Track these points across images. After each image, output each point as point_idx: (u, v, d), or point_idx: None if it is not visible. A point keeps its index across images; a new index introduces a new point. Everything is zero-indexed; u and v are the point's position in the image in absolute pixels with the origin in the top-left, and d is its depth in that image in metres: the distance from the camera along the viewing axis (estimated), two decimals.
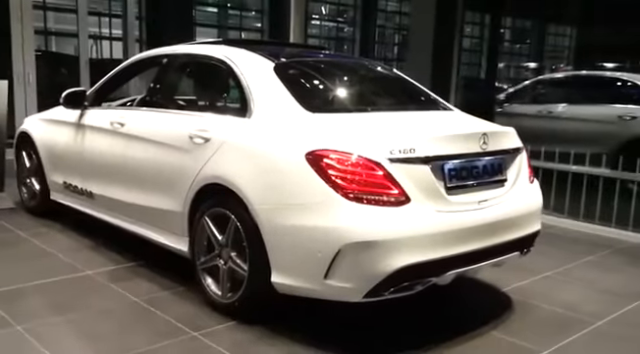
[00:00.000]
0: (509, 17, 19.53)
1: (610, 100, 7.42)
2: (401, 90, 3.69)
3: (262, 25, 16.28)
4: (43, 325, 2.91)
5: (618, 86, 7.67)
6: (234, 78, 3.25)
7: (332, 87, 3.38)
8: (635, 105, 7.07)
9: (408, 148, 2.61)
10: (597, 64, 16.97)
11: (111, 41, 10.90)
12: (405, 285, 2.59)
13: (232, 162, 2.93)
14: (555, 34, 24.56)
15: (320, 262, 2.56)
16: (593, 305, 3.39)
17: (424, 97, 3.60)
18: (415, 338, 2.89)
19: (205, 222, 3.12)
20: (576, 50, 22.47)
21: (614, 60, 17.40)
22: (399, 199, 2.55)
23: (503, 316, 3.18)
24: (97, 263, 3.82)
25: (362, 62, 4.02)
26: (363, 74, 3.73)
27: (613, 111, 7.17)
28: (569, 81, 8.62)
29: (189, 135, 3.23)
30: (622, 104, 7.21)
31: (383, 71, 3.89)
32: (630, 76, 7.62)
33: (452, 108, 3.52)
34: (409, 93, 3.63)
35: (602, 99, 7.54)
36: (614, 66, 16.83)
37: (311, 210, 2.59)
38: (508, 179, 3.02)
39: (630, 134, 6.86)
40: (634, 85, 7.35)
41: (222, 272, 3.05)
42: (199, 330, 2.88)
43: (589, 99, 7.64)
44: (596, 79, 8.27)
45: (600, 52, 17.96)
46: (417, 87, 3.70)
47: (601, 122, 7.17)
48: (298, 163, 2.65)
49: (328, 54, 4.13)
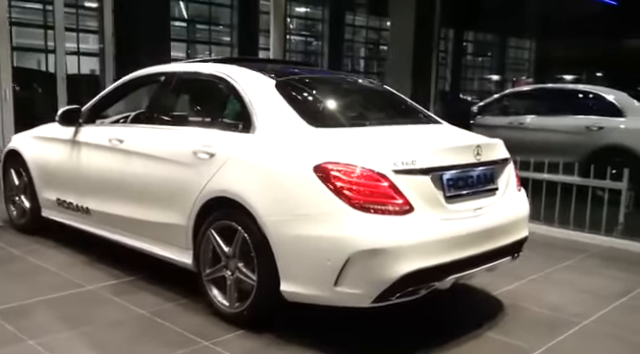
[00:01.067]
0: (471, 31, 20.14)
1: (577, 112, 7.78)
2: (393, 105, 3.87)
3: (231, 39, 16.40)
4: (55, 339, 2.96)
5: (584, 98, 8.06)
6: (236, 95, 3.38)
7: (331, 103, 3.54)
8: (601, 116, 7.44)
9: (410, 160, 2.78)
10: (555, 76, 17.60)
11: (79, 56, 10.84)
12: (410, 290, 2.74)
13: (239, 176, 3.05)
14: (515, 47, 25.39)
15: (330, 270, 2.69)
16: (578, 306, 3.60)
17: (415, 111, 3.79)
18: (416, 340, 3.05)
19: (211, 234, 3.22)
20: (535, 63, 23.30)
21: (571, 72, 18.09)
22: (403, 208, 2.71)
23: (496, 318, 3.36)
24: (96, 278, 3.86)
25: (354, 79, 4.20)
26: (357, 90, 3.91)
27: (581, 122, 7.53)
28: (537, 94, 8.98)
29: (193, 151, 3.33)
30: (588, 115, 7.58)
31: (375, 87, 4.07)
32: (595, 89, 8.02)
33: (441, 121, 3.71)
34: (400, 107, 3.82)
35: (569, 111, 7.91)
36: (572, 78, 17.51)
37: (320, 220, 2.73)
38: (499, 188, 3.22)
39: (598, 144, 7.21)
40: (599, 97, 7.73)
41: (229, 282, 3.16)
42: (209, 339, 2.97)
43: (556, 111, 7.99)
44: (563, 92, 8.68)
45: (558, 65, 18.67)
46: (407, 102, 3.89)
47: (570, 133, 7.52)
48: (306, 176, 2.79)
49: (322, 71, 4.30)
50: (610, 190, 5.48)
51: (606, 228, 5.25)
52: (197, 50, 17.66)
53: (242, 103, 3.31)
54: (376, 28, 20.95)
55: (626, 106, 7.38)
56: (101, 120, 4.46)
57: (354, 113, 3.55)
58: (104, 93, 4.32)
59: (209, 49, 18.05)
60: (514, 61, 25.40)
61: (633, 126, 7.14)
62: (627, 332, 3.24)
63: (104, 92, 4.32)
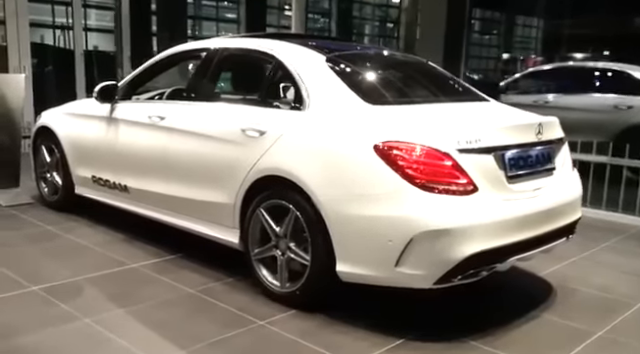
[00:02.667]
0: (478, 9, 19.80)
1: (604, 90, 7.66)
2: (441, 81, 3.78)
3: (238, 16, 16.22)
4: (109, 317, 2.94)
5: (611, 77, 7.91)
6: (285, 72, 3.30)
7: (382, 79, 3.46)
8: (629, 95, 7.32)
9: (474, 139, 2.71)
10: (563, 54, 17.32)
11: (86, 32, 10.71)
12: (472, 272, 2.70)
13: (292, 155, 2.99)
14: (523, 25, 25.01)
15: (391, 250, 2.65)
16: (626, 288, 3.56)
17: (462, 88, 3.71)
18: (475, 323, 3.01)
19: (260, 214, 3.17)
20: (543, 41, 22.96)
21: (578, 50, 17.81)
22: (468, 188, 2.65)
23: (549, 300, 3.32)
24: (137, 256, 3.84)
25: (398, 54, 4.10)
26: (404, 66, 3.82)
27: (609, 101, 7.41)
28: (562, 72, 8.83)
29: (241, 128, 3.27)
30: (616, 94, 7.45)
31: (419, 62, 3.97)
32: (623, 67, 7.87)
33: (489, 99, 3.63)
34: (448, 84, 3.73)
35: (595, 89, 7.79)
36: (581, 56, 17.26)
37: (382, 200, 2.67)
38: (556, 167, 3.16)
39: (627, 123, 7.11)
40: (627, 76, 7.60)
41: (280, 262, 3.12)
42: (264, 319, 2.95)
43: (583, 89, 7.87)
44: (588, 70, 8.49)
45: (566, 42, 18.38)
46: (454, 78, 3.81)
47: (597, 111, 7.40)
48: (366, 155, 2.72)
49: (363, 46, 4.20)
50: None
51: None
52: (203, 27, 17.48)
53: (292, 80, 3.24)
54: (383, 5, 20.61)
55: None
56: (136, 97, 4.39)
57: (406, 90, 3.48)
58: (141, 69, 4.24)
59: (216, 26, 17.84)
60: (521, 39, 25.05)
61: None
62: None
63: (141, 68, 4.24)
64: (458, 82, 3.78)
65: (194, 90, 3.80)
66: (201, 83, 3.76)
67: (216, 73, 3.79)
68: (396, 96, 3.25)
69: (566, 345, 2.77)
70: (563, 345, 2.78)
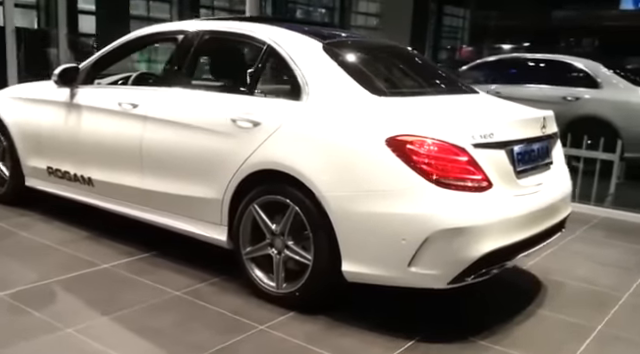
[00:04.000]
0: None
1: (552, 82, 7.88)
2: (436, 73, 3.70)
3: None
4: (94, 326, 2.68)
5: (559, 68, 8.14)
6: (278, 59, 3.10)
7: (381, 69, 3.33)
8: (577, 87, 7.57)
9: (488, 133, 2.63)
10: (492, 45, 17.86)
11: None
12: (484, 270, 2.64)
13: (294, 148, 2.81)
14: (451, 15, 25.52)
15: (405, 249, 2.54)
16: (608, 279, 3.63)
17: (452, 79, 3.64)
18: (476, 322, 2.97)
19: (254, 210, 2.98)
20: (470, 31, 23.56)
21: (506, 41, 18.44)
22: (482, 184, 2.57)
23: (540, 294, 3.33)
24: (108, 255, 3.54)
25: (389, 42, 3.95)
26: (395, 55, 3.69)
27: (558, 92, 7.62)
28: (511, 63, 9.03)
29: (232, 119, 3.04)
30: (564, 86, 7.68)
31: (409, 52, 3.85)
32: (571, 59, 8.11)
33: (478, 91, 3.57)
34: (441, 75, 3.65)
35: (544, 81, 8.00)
36: (510, 47, 17.87)
37: (395, 197, 2.55)
38: (553, 162, 3.15)
39: (575, 114, 7.34)
40: (575, 68, 7.85)
41: (276, 262, 2.94)
42: (263, 323, 2.77)
43: (532, 80, 8.06)
44: (538, 61, 8.71)
45: (494, 33, 18.94)
46: (442, 69, 3.73)
47: (546, 103, 7.58)
48: (378, 149, 2.59)
49: (353, 34, 4.04)
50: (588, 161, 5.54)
51: (598, 199, 5.37)
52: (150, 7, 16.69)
53: (286, 68, 3.04)
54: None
55: (601, 77, 7.52)
56: (98, 81, 4.04)
57: (407, 81, 3.36)
58: (105, 51, 3.88)
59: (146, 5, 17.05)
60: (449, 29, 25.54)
61: (608, 97, 7.29)
62: None
63: (106, 50, 3.88)
64: (446, 72, 3.71)
65: (172, 76, 3.51)
66: (180, 68, 3.48)
67: (197, 58, 3.52)
68: (397, 87, 3.13)
69: (571, 342, 2.77)
70: (568, 342, 2.78)
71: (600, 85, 7.45)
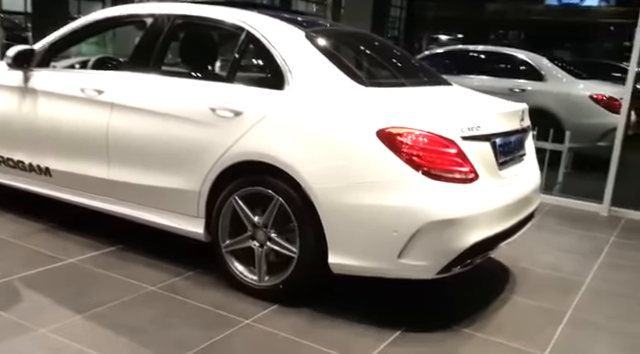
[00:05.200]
0: None
1: (499, 74, 8.12)
2: (411, 64, 3.70)
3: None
4: (69, 325, 2.53)
5: (506, 61, 8.40)
6: (258, 47, 3.01)
7: (362, 59, 3.29)
8: (523, 79, 7.83)
9: (475, 125, 2.66)
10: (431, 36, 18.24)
11: None
12: (469, 260, 2.68)
13: (279, 139, 2.74)
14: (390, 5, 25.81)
15: (395, 241, 2.54)
16: (570, 265, 3.79)
17: (429, 70, 3.66)
18: (455, 311, 3.03)
19: (235, 202, 2.90)
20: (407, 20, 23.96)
21: (443, 31, 18.86)
22: (470, 176, 2.60)
23: (511, 281, 3.44)
24: (71, 249, 3.36)
25: (367, 33, 3.91)
26: (377, 46, 3.65)
27: (505, 84, 7.86)
28: (458, 55, 9.22)
29: (210, 107, 2.94)
30: (511, 78, 7.93)
31: (388, 43, 3.83)
32: (517, 52, 8.37)
33: (451, 83, 3.62)
34: (418, 67, 3.66)
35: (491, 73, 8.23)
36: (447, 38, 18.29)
37: (386, 188, 2.54)
38: (527, 153, 3.23)
39: None
40: (521, 61, 8.11)
41: (258, 255, 2.88)
42: (249, 317, 2.71)
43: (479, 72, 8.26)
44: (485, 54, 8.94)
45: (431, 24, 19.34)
46: (417, 60, 3.75)
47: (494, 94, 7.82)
48: (368, 141, 2.57)
49: (332, 22, 3.97)
50: None
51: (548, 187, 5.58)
52: None
53: (268, 56, 2.95)
54: None
55: (545, 69, 7.81)
56: (53, 64, 3.80)
57: (387, 71, 3.35)
58: (64, 32, 3.64)
59: None
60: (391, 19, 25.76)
61: (552, 89, 7.58)
62: (627, 289, 3.47)
63: (64, 31, 3.63)
64: (420, 63, 3.73)
65: (142, 61, 3.33)
66: (150, 53, 3.30)
67: (169, 43, 3.36)
68: (380, 77, 3.12)
69: (547, 326, 2.87)
70: (544, 326, 2.88)
71: (544, 77, 7.73)
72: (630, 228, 4.81)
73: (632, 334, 2.88)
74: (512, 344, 2.67)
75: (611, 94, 7.34)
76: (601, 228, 4.76)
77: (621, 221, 5.00)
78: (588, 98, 7.33)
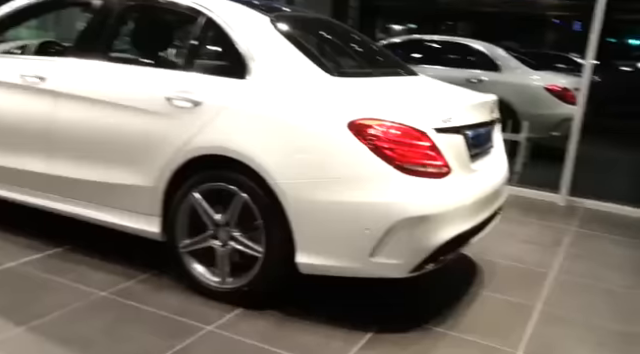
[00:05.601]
0: None
1: (456, 64, 8.11)
2: (379, 52, 3.56)
3: None
4: (10, 339, 2.29)
5: (462, 51, 8.39)
6: (218, 32, 2.79)
7: (329, 47, 3.13)
8: (479, 70, 7.84)
9: (447, 117, 2.55)
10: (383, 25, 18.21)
11: None
12: (442, 257, 2.58)
13: (243, 131, 2.56)
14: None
15: (367, 239, 2.41)
16: (534, 257, 3.77)
17: (395, 59, 3.53)
18: (429, 306, 2.93)
19: (193, 199, 2.70)
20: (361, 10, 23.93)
21: (397, 21, 18.89)
22: (443, 170, 2.49)
23: (478, 274, 3.38)
24: (9, 252, 3.10)
25: (331, 19, 3.72)
26: (344, 34, 3.48)
27: (462, 75, 7.85)
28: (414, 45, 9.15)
29: (166, 97, 2.72)
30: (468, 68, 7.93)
31: (353, 31, 3.66)
32: (473, 42, 8.38)
33: (417, 72, 3.50)
34: (385, 56, 3.52)
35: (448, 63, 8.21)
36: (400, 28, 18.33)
37: (357, 184, 2.40)
38: (494, 146, 3.16)
39: None
40: (477, 51, 8.11)
41: (220, 255, 2.70)
42: (211, 323, 2.53)
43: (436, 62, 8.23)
44: (441, 44, 8.93)
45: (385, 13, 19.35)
46: (382, 48, 3.62)
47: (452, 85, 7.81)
48: (339, 133, 2.42)
49: (294, 8, 3.77)
50: None
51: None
52: None
53: (229, 42, 2.74)
54: None
55: (500, 60, 7.85)
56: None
57: (354, 60, 3.19)
58: (2, 14, 3.31)
59: None
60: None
61: (508, 80, 7.62)
62: (590, 280, 3.46)
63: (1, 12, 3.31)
64: (385, 51, 3.60)
65: (88, 46, 3.06)
66: (98, 38, 3.04)
67: (120, 27, 3.10)
68: (348, 66, 2.96)
69: (519, 323, 2.82)
70: (516, 323, 2.82)
71: (500, 68, 7.76)
72: (587, 217, 4.86)
73: (600, 328, 2.85)
74: (486, 342, 2.59)
75: (564, 85, 7.46)
76: (560, 218, 4.79)
77: (578, 210, 5.05)
78: (543, 89, 7.41)
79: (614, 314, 3.02)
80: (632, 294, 3.31)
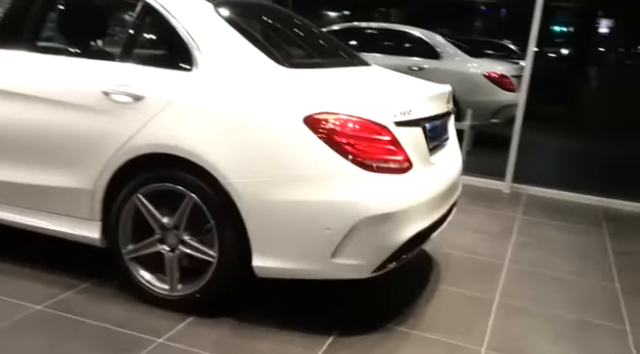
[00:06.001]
0: None
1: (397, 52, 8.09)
2: (330, 42, 3.41)
3: None
4: None
5: (403, 39, 8.38)
6: (159, 20, 2.57)
7: (279, 37, 2.95)
8: (420, 57, 7.85)
9: (407, 110, 2.46)
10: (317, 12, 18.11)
11: None
12: (404, 256, 2.50)
13: (191, 128, 2.37)
14: None
15: (329, 239, 2.29)
16: (485, 247, 3.77)
17: (346, 50, 3.41)
18: (388, 304, 2.85)
19: (138, 201, 2.50)
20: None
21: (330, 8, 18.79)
22: (404, 165, 2.40)
23: (434, 268, 3.33)
24: None
25: (276, 6, 3.53)
26: (291, 22, 3.30)
27: (403, 62, 7.83)
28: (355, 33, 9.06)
29: (103, 91, 2.49)
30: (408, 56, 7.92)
31: (300, 19, 3.49)
32: (413, 30, 8.36)
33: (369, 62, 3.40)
34: (336, 45, 3.38)
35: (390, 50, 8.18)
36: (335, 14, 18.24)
37: (317, 182, 2.27)
38: (449, 137, 3.10)
39: None
40: (418, 39, 8.11)
41: (169, 260, 2.51)
42: (162, 335, 2.35)
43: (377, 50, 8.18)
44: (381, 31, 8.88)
45: None
46: (330, 37, 3.48)
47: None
48: (295, 129, 2.28)
49: None
50: None
51: None
52: None
53: (170, 31, 2.53)
54: None
55: (440, 47, 7.88)
56: None
57: (305, 50, 3.04)
58: None
59: None
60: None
61: (448, 67, 7.67)
62: (542, 269, 3.49)
63: None
64: (333, 40, 3.46)
65: (10, 35, 2.76)
66: (22, 26, 2.74)
67: (47, 14, 2.81)
68: (299, 57, 2.81)
69: (479, 317, 2.79)
70: (476, 317, 2.78)
71: (440, 55, 7.80)
72: (531, 204, 4.94)
73: (556, 318, 2.86)
74: (449, 340, 2.54)
75: (502, 72, 7.59)
76: (506, 206, 4.85)
77: (522, 197, 5.13)
78: (482, 76, 7.50)
79: (567, 303, 3.05)
80: (579, 282, 3.36)
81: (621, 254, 3.86)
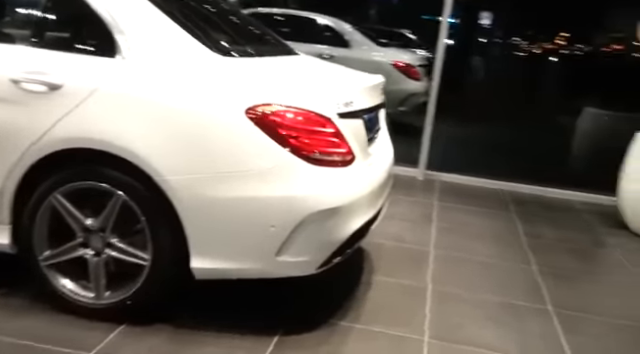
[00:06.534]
0: None
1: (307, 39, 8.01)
2: (258, 29, 3.25)
3: None
4: None
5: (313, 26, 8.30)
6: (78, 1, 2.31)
7: (211, 23, 2.75)
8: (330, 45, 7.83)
9: (349, 101, 2.39)
10: None
11: None
12: (348, 250, 2.45)
13: (117, 119, 2.15)
14: None
15: (273, 237, 2.18)
16: (410, 235, 3.83)
17: (275, 38, 3.28)
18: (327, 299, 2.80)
19: (56, 202, 2.25)
20: None
21: None
22: (347, 158, 2.33)
23: (367, 259, 3.32)
24: None
25: None
26: (212, 5, 3.09)
27: (313, 50, 7.78)
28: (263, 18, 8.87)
29: (12, 79, 2.20)
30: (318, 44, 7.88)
31: (228, 5, 3.30)
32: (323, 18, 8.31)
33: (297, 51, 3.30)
34: (262, 33, 3.23)
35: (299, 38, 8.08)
36: None
37: (259, 177, 2.15)
38: (382, 128, 3.08)
39: None
40: (327, 27, 8.09)
41: (94, 266, 2.29)
42: (91, 349, 2.15)
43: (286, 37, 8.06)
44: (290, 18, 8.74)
45: None
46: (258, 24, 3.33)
47: None
48: (236, 121, 2.14)
49: None
50: None
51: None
52: None
53: (88, 12, 2.28)
54: None
55: (349, 36, 7.91)
56: None
57: (237, 38, 2.85)
58: None
59: None
60: None
61: (358, 56, 7.71)
62: (465, 254, 3.59)
63: None
64: (261, 27, 3.32)
65: None
66: None
67: None
68: (234, 45, 2.63)
69: (415, 306, 2.81)
70: (414, 306, 2.80)
71: (349, 44, 7.83)
72: (445, 190, 5.09)
73: (485, 303, 2.94)
74: (392, 332, 2.53)
75: (407, 61, 7.76)
76: (423, 192, 4.96)
77: (436, 184, 5.28)
78: (389, 65, 7.62)
79: (491, 287, 3.15)
80: (500, 265, 3.49)
81: (532, 237, 4.07)
